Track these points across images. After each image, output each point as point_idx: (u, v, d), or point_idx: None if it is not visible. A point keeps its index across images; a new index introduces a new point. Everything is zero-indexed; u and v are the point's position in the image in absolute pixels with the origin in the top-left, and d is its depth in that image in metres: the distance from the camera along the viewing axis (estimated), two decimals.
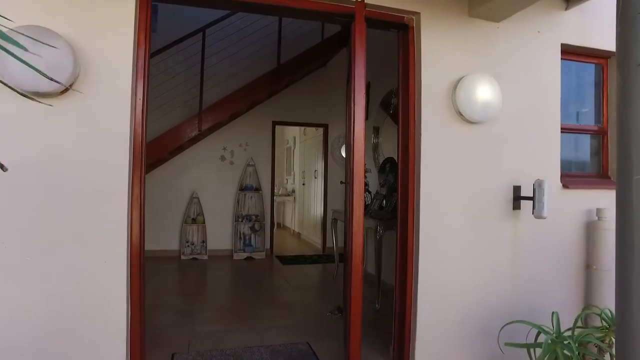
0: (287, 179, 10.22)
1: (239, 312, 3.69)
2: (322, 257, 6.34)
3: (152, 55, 5.27)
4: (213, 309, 3.75)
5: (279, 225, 10.29)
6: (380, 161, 4.72)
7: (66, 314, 1.94)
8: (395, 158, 4.65)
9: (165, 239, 6.12)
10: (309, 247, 7.30)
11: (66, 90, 1.91)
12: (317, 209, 7.36)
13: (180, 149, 6.07)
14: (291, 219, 9.39)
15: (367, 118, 4.95)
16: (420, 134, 2.48)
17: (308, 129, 8.19)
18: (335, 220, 4.83)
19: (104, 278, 2.01)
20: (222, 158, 6.38)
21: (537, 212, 2.46)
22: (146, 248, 5.61)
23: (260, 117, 6.54)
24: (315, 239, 7.41)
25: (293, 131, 9.47)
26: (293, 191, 9.40)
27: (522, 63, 2.68)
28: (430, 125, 2.50)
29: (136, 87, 2.10)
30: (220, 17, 5.38)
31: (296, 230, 8.98)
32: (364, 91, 2.47)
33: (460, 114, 2.50)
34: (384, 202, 4.40)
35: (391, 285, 4.42)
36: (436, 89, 2.51)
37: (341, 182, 3.84)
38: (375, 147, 4.85)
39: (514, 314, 2.59)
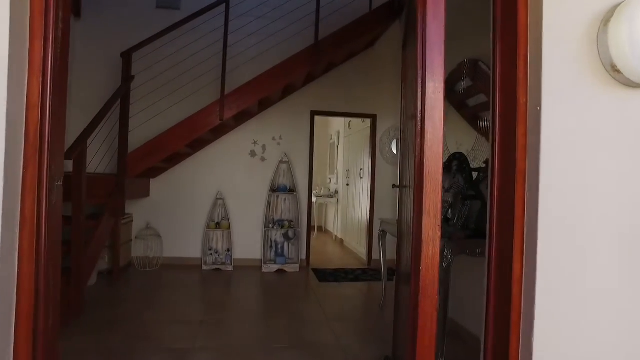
0: (329, 179, 9.26)
1: (253, 358, 2.76)
2: (367, 273, 5.30)
3: (170, 30, 4.50)
4: (220, 350, 2.85)
5: (320, 229, 9.36)
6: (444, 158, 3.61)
7: None
8: (466, 153, 3.54)
9: (185, 245, 5.35)
10: (352, 258, 6.28)
11: None
12: (363, 214, 6.32)
13: (203, 142, 5.27)
14: (334, 223, 8.41)
15: None
16: (539, 108, 1.40)
17: (353, 121, 7.17)
18: (384, 232, 3.79)
19: None
20: (252, 154, 5.51)
21: None
22: (164, 255, 4.86)
23: (297, 106, 5.61)
24: (360, 249, 6.38)
25: (337, 125, 8.49)
26: (336, 192, 8.42)
27: None
28: (556, 91, 1.40)
29: (32, 31, 1.20)
30: None
31: (339, 236, 7.99)
32: (443, 40, 1.42)
33: (614, 70, 1.39)
34: (450, 212, 3.30)
35: (462, 328, 3.36)
36: (567, 29, 1.42)
37: (394, 186, 2.81)
38: None
39: None
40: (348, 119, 7.47)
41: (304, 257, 5.60)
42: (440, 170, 1.37)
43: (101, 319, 3.27)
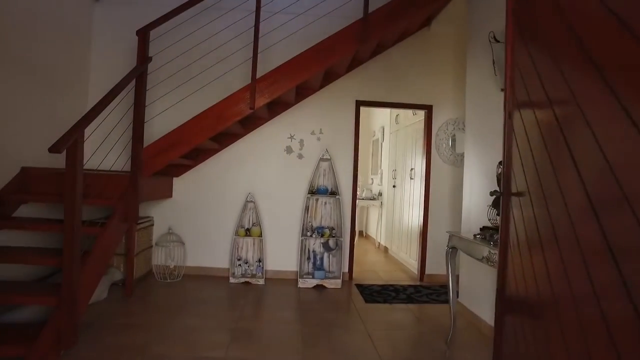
0: (372, 179, 8.45)
1: None
2: (421, 291, 4.46)
3: (192, 4, 3.87)
4: None
5: (360, 233, 8.56)
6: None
7: None
8: None
9: (211, 254, 4.70)
10: (400, 271, 5.45)
11: None
12: (413, 221, 5.49)
13: (231, 136, 4.61)
14: (376, 228, 7.59)
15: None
16: None
17: (401, 114, 6.34)
18: (454, 249, 2.96)
19: None
20: (288, 150, 4.80)
21: None
22: (188, 264, 4.22)
23: (340, 95, 4.86)
24: (409, 260, 5.54)
25: (382, 119, 7.66)
26: (380, 194, 7.60)
27: None
28: None
29: None
30: None
31: (382, 243, 7.17)
32: None
33: None
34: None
35: None
36: None
37: (493, 193, 1.98)
38: None
39: None
40: (395, 112, 6.65)
41: (346, 269, 4.83)
42: None
43: (97, 353, 2.63)
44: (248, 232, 4.61)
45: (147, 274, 4.49)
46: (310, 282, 4.46)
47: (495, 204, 2.81)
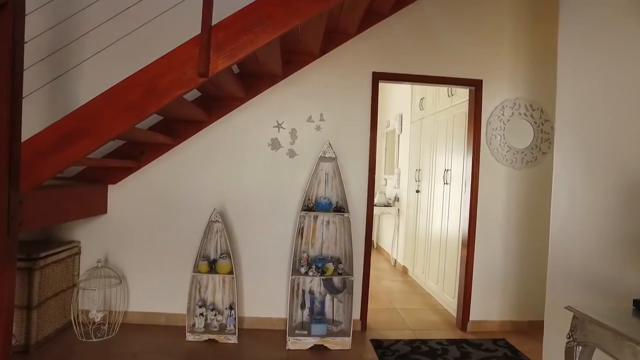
0: (385, 180, 6.95)
1: None
2: (470, 354, 2.98)
3: None
4: None
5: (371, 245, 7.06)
6: None
7: None
8: None
9: (162, 295, 3.26)
10: (429, 308, 3.97)
11: None
12: (449, 240, 4.02)
13: (190, 125, 3.14)
14: (392, 241, 6.10)
15: None
16: None
17: (428, 98, 4.83)
18: (584, 346, 1.47)
19: None
20: (274, 144, 3.32)
21: None
22: (131, 309, 2.71)
23: (350, 64, 3.37)
24: (442, 295, 4.06)
25: (399, 104, 6.14)
26: (396, 199, 6.10)
27: None
28: None
29: None
30: None
31: (399, 261, 5.70)
32: None
33: None
34: None
35: None
36: None
37: None
38: None
39: None
40: (419, 94, 5.14)
41: (357, 316, 3.36)
42: None
43: None
44: (214, 266, 3.13)
45: (65, 328, 3.05)
46: (305, 342, 2.99)
47: None
